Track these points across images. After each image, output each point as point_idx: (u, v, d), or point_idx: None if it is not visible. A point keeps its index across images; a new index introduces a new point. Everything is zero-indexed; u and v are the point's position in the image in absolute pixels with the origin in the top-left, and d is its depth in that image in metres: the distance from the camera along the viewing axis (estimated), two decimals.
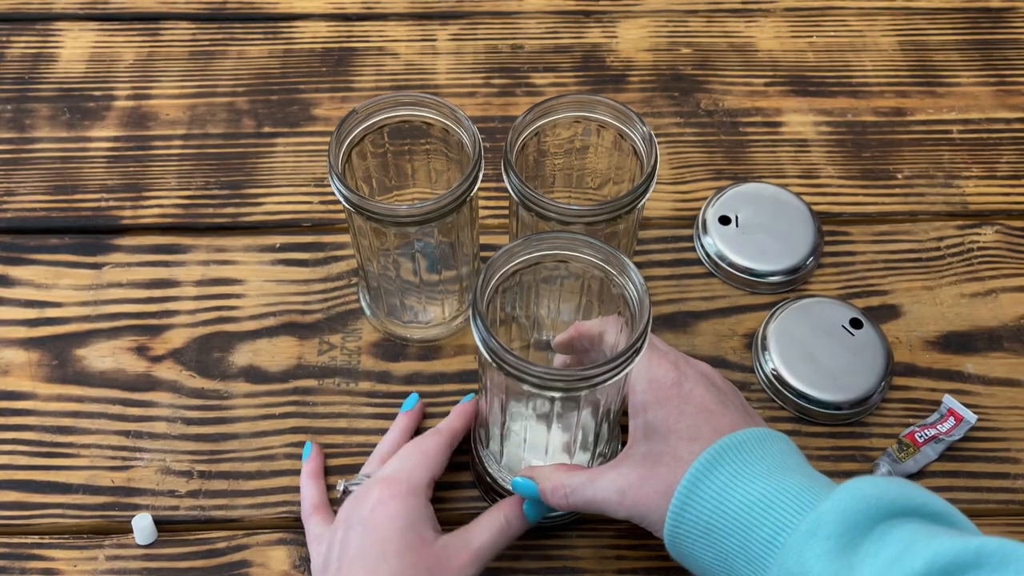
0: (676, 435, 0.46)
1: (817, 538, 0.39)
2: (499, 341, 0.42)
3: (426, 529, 0.49)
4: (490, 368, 0.44)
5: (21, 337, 0.63)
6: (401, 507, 0.49)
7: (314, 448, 0.57)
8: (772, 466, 0.44)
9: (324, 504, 0.54)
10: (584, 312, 0.53)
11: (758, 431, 0.45)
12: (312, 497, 0.55)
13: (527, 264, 0.47)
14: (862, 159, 0.72)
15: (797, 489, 0.42)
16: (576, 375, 0.42)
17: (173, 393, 0.60)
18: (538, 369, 0.42)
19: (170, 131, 0.73)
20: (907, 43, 0.79)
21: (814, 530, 0.40)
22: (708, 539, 0.43)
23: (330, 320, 0.63)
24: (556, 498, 0.48)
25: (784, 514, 0.41)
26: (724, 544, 0.43)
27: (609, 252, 0.46)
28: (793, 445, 0.46)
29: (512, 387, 0.47)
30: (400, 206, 0.51)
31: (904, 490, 0.41)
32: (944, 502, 0.41)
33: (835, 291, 0.65)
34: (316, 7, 0.81)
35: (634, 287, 0.45)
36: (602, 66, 0.77)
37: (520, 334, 0.55)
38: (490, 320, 0.48)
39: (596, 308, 0.52)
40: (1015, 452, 0.58)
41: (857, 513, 0.39)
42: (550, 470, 0.49)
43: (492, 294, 0.46)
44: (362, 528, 0.48)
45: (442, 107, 0.54)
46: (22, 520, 0.56)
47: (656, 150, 0.51)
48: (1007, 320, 0.64)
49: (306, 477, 0.56)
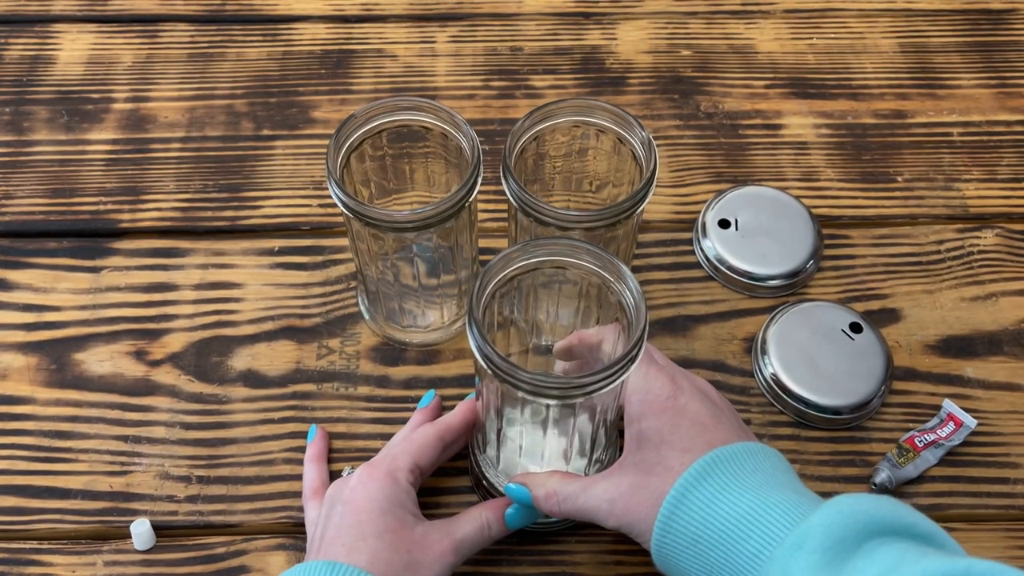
0: (668, 446, 0.46)
1: (803, 551, 0.39)
2: (494, 347, 0.42)
3: (405, 513, 0.49)
4: (485, 374, 0.44)
5: (19, 341, 0.62)
6: (379, 488, 0.49)
7: (319, 431, 0.58)
8: (762, 481, 0.44)
9: (324, 488, 0.54)
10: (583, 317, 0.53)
11: (750, 445, 0.45)
12: (312, 480, 0.55)
13: (524, 270, 0.47)
14: (862, 162, 0.72)
15: (785, 504, 0.42)
16: (571, 383, 0.42)
17: (171, 398, 0.60)
18: (533, 376, 0.42)
19: (169, 134, 0.72)
20: (907, 45, 0.79)
21: (800, 543, 0.40)
22: (695, 550, 0.43)
23: (329, 324, 0.63)
24: (548, 505, 0.48)
25: (771, 528, 0.41)
26: (710, 556, 0.43)
27: (606, 259, 0.46)
28: (785, 461, 0.46)
29: (507, 393, 0.47)
30: (398, 211, 0.51)
31: (893, 508, 0.40)
32: (933, 523, 0.41)
33: (835, 295, 0.65)
34: (315, 9, 0.81)
35: (631, 294, 0.45)
36: (602, 68, 0.77)
37: (519, 339, 0.55)
38: (487, 325, 0.48)
39: (595, 313, 0.51)
40: (1015, 457, 0.58)
41: (845, 528, 0.39)
42: (544, 477, 0.49)
43: (489, 299, 0.46)
44: (343, 507, 0.49)
45: (441, 111, 0.53)
46: (20, 525, 0.56)
47: (655, 155, 0.51)
48: (1007, 324, 0.64)
49: (308, 461, 0.56)
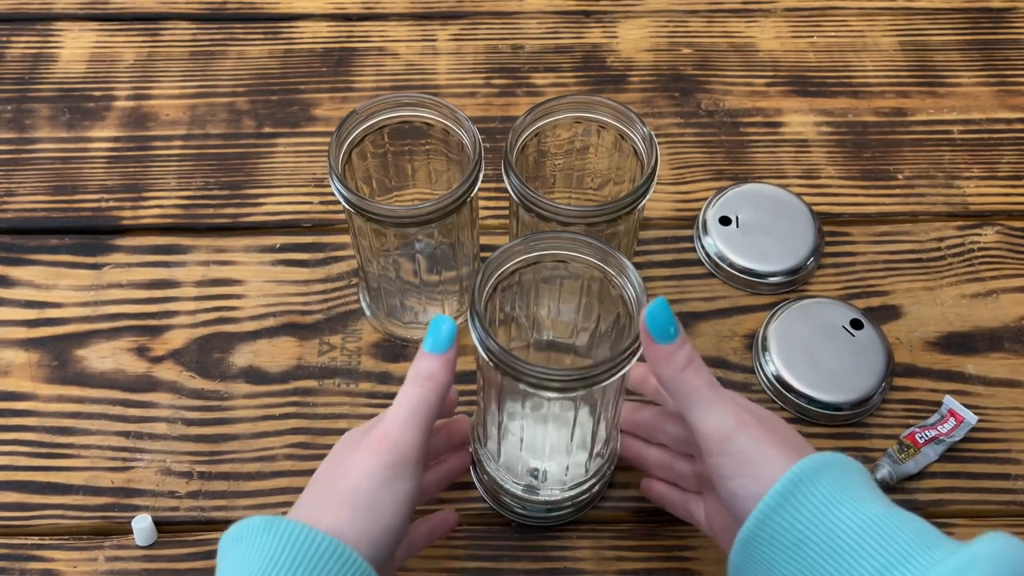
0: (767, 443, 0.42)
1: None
2: (496, 340, 0.43)
3: None
4: (487, 367, 0.44)
5: (21, 338, 0.62)
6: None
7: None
8: (875, 493, 0.40)
9: None
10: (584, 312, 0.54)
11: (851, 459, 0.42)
12: None
13: (525, 264, 0.47)
14: (863, 159, 0.72)
15: (916, 524, 0.39)
16: (572, 375, 0.42)
17: (173, 394, 0.60)
18: (534, 368, 0.42)
19: (170, 131, 0.73)
20: (908, 43, 0.79)
21: (963, 571, 0.36)
22: (796, 552, 0.39)
23: (330, 321, 0.63)
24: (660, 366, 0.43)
25: (901, 546, 0.38)
26: (817, 562, 0.39)
27: (607, 252, 0.46)
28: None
29: (509, 386, 0.47)
30: (400, 207, 0.51)
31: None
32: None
33: (836, 291, 0.65)
34: (316, 7, 0.81)
35: (632, 287, 0.45)
36: (603, 66, 0.77)
37: (520, 334, 0.55)
38: (489, 320, 0.48)
39: (596, 309, 0.51)
40: (1015, 453, 0.58)
41: (1015, 561, 0.36)
42: None
43: (491, 293, 0.46)
44: None
45: (442, 108, 0.54)
46: (22, 521, 0.56)
47: (656, 151, 0.51)
48: (1008, 321, 0.64)
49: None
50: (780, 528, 0.40)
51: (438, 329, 0.45)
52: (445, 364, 0.45)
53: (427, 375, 0.44)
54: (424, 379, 0.44)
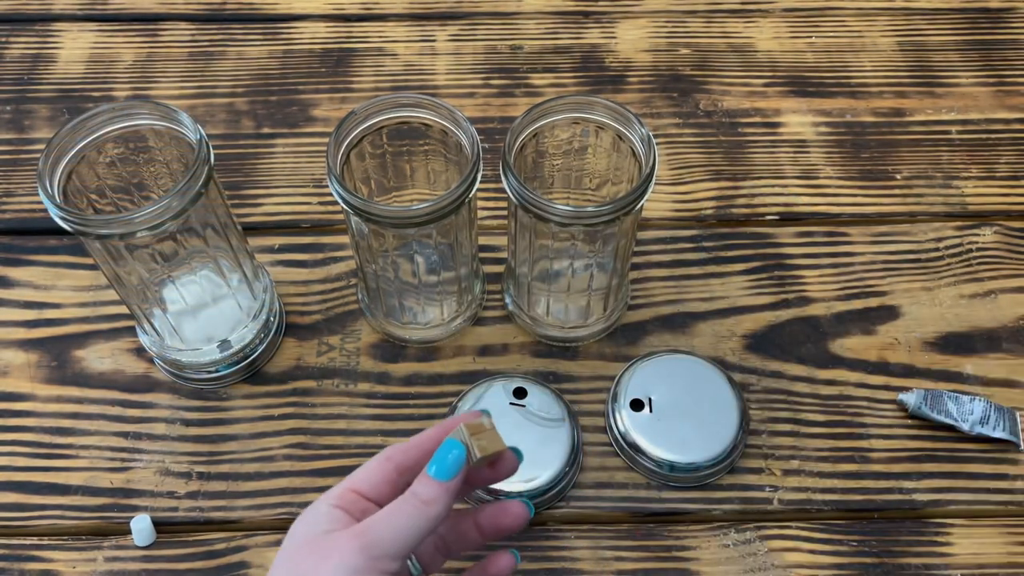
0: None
1: None
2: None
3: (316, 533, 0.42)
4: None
5: (20, 338, 0.63)
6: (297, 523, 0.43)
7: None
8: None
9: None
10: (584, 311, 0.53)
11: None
12: None
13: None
14: (861, 160, 0.72)
15: None
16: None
17: (172, 394, 0.60)
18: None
19: None
20: (906, 43, 0.79)
21: None
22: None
23: (329, 321, 0.63)
24: None
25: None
26: None
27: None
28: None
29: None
30: (398, 208, 0.51)
31: None
32: None
33: (834, 292, 0.65)
34: (315, 8, 0.81)
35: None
36: (601, 67, 0.77)
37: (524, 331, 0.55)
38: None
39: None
40: (1014, 453, 0.58)
41: None
42: None
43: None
44: None
45: (440, 108, 0.54)
46: (21, 521, 0.56)
47: (655, 151, 0.51)
48: (1006, 321, 0.64)
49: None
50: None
51: (444, 456, 0.42)
52: (446, 493, 0.42)
53: (425, 499, 0.41)
54: (422, 503, 0.41)
